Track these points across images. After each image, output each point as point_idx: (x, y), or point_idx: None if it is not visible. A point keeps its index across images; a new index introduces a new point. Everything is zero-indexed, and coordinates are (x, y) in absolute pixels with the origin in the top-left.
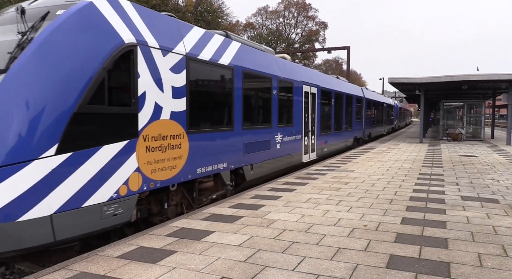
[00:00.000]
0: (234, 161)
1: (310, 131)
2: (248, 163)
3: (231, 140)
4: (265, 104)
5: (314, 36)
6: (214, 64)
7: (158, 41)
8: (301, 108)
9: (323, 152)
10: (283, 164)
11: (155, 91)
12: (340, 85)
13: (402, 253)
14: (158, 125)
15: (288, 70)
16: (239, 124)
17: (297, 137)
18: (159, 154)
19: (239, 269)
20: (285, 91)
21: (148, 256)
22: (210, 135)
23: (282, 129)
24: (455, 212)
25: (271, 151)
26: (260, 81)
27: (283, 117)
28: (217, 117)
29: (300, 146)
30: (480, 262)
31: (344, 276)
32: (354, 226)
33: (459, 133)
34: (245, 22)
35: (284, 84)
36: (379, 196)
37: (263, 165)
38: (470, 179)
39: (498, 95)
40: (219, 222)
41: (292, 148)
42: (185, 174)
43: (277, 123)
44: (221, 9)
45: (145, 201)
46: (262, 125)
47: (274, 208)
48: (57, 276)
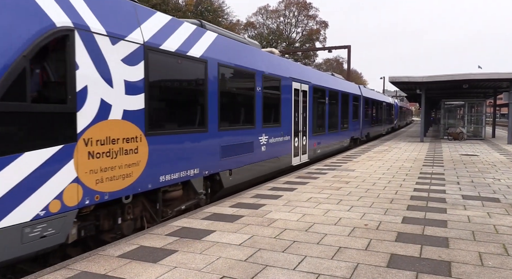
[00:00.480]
0: (209, 166)
1: (301, 131)
2: (226, 168)
3: (204, 142)
4: (247, 102)
5: (315, 35)
6: (181, 56)
7: (105, 27)
8: (290, 107)
9: (316, 153)
10: (270, 168)
11: (101, 86)
12: (335, 82)
13: (403, 252)
14: (105, 127)
15: (274, 66)
16: (214, 125)
17: (285, 138)
18: (107, 161)
19: (240, 268)
20: (271, 88)
21: (148, 255)
22: (176, 138)
23: (267, 130)
24: (456, 211)
25: (254, 154)
26: (241, 77)
27: (269, 117)
28: (186, 117)
29: (289, 148)
30: (481, 261)
31: (345, 275)
32: (354, 225)
33: (460, 133)
34: (245, 22)
35: (270, 81)
36: (379, 195)
37: (244, 170)
38: (471, 178)
39: (499, 94)
40: (219, 221)
41: (280, 150)
42: (143, 183)
43: (262, 123)
44: (222, 9)
45: (92, 216)
46: (244, 126)
47: (275, 207)
48: (58, 275)
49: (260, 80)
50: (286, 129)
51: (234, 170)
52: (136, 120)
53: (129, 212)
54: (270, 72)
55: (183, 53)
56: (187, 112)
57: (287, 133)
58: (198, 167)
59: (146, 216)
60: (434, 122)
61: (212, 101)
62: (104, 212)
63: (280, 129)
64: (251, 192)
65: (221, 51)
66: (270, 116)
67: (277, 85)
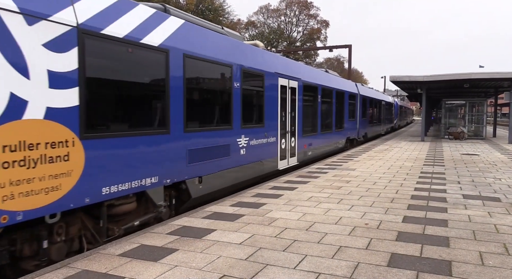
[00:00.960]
0: (171, 173)
1: (288, 132)
2: (194, 174)
3: (165, 146)
4: (222, 100)
5: (316, 35)
6: (133, 43)
7: (17, 1)
8: (275, 105)
9: (307, 155)
10: (251, 173)
11: (10, 76)
12: (329, 79)
13: (404, 251)
14: (18, 129)
15: (257, 59)
16: (178, 126)
17: (270, 140)
18: (20, 172)
19: (240, 267)
20: (252, 85)
21: (149, 254)
22: (126, 142)
23: (248, 131)
24: (456, 211)
25: (231, 158)
26: (215, 71)
27: (250, 117)
28: (139, 116)
29: (274, 150)
30: (481, 260)
31: (345, 274)
32: (355, 224)
33: (461, 132)
34: (246, 21)
35: (251, 76)
36: (380, 194)
37: (219, 176)
38: (472, 178)
39: (500, 93)
40: (220, 220)
41: (263, 153)
42: (77, 197)
43: (241, 123)
44: (223, 8)
45: (4, 240)
46: (218, 126)
47: (276, 206)
48: (59, 274)
49: (239, 75)
50: (271, 130)
51: (205, 177)
52: (67, 120)
53: (59, 233)
54: (251, 67)
55: (135, 40)
56: (141, 111)
57: (272, 135)
58: (156, 175)
59: (86, 236)
60: (435, 122)
61: (175, 98)
62: (23, 235)
63: (263, 130)
64: (251, 191)
65: (188, 40)
66: (252, 116)
67: (260, 81)
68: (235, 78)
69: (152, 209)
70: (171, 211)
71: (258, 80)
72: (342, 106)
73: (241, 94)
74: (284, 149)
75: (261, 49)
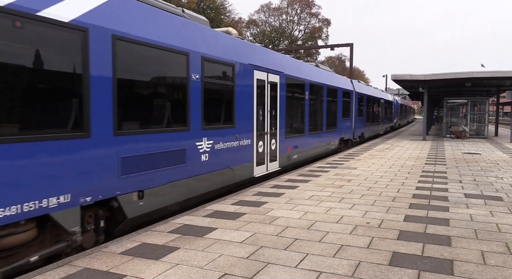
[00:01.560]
0: (94, 188)
1: (267, 133)
2: (131, 188)
3: (82, 153)
4: (173, 95)
5: (317, 33)
6: (27, 17)
7: None
8: (250, 102)
9: (292, 159)
10: (216, 182)
11: None
12: (319, 74)
13: (405, 250)
14: None
15: (224, 47)
16: (105, 128)
17: (243, 142)
18: None
19: (242, 266)
20: (218, 77)
21: (151, 252)
22: (14, 149)
23: (212, 132)
24: (458, 210)
25: (188, 166)
26: (162, 59)
27: (215, 115)
28: (40, 115)
29: (249, 155)
30: (483, 259)
31: (346, 273)
32: (356, 223)
33: (463, 131)
34: (248, 19)
35: (216, 67)
36: (382, 193)
37: (170, 189)
38: (474, 177)
39: (502, 92)
40: (221, 218)
41: (233, 158)
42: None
43: (202, 124)
44: (224, 6)
45: None
46: (169, 128)
47: (277, 205)
48: (61, 272)
49: (198, 65)
50: (245, 132)
51: (149, 191)
52: None
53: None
54: (216, 56)
55: (30, 11)
56: (44, 107)
57: (245, 137)
58: (67, 192)
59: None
60: (437, 121)
61: (99, 91)
62: None
63: (233, 131)
64: (253, 189)
65: (121, 18)
66: (218, 115)
67: (229, 73)
68: (193, 68)
69: (63, 237)
70: (98, 236)
71: (227, 73)
72: (335, 104)
73: (202, 88)
74: (262, 153)
75: (230, 36)
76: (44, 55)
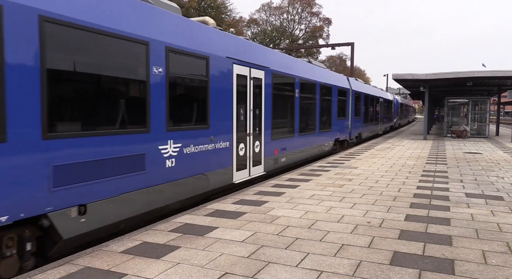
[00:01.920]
0: (13, 205)
1: (250, 135)
2: (67, 203)
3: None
4: (127, 91)
5: (318, 32)
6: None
7: None
8: (229, 100)
9: (280, 162)
10: (185, 191)
11: None
12: (311, 71)
13: (406, 250)
14: None
15: (196, 38)
16: (30, 129)
17: (220, 145)
18: None
19: (243, 265)
20: (188, 72)
21: (151, 251)
22: None
23: (180, 134)
24: (459, 209)
25: (149, 174)
26: (114, 48)
27: (185, 115)
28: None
29: (227, 159)
30: (484, 259)
31: (347, 272)
32: (357, 222)
33: (464, 130)
34: (248, 18)
35: (185, 59)
36: (382, 192)
37: (122, 201)
38: (475, 176)
39: (503, 92)
40: (222, 217)
41: (207, 163)
42: None
43: (167, 124)
44: (225, 5)
45: None
46: (122, 129)
47: (278, 204)
48: (62, 270)
49: (161, 56)
50: (222, 133)
51: (94, 205)
52: None
53: None
54: (185, 47)
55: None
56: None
57: (223, 139)
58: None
59: None
60: (438, 120)
61: (19, 85)
62: None
63: (208, 132)
64: (253, 188)
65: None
66: (187, 114)
67: (202, 67)
68: (154, 60)
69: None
70: (23, 261)
71: (199, 66)
72: (329, 103)
73: (167, 83)
74: (244, 156)
75: (204, 25)
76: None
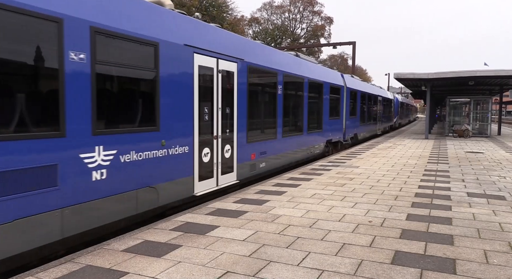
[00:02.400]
0: None
1: (218, 137)
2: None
3: None
4: (27, 80)
5: (320, 31)
6: None
7: None
8: (188, 97)
9: (258, 168)
10: (123, 210)
11: None
12: (298, 65)
13: (407, 249)
14: None
15: (140, 19)
16: None
17: (175, 151)
18: None
19: (244, 264)
20: (127, 60)
21: (153, 250)
22: None
23: (115, 138)
24: (461, 209)
25: (62, 191)
26: None
27: (124, 114)
28: None
29: (186, 167)
30: (486, 259)
31: (349, 271)
32: (359, 221)
33: (465, 130)
34: (250, 17)
35: (122, 45)
36: (384, 192)
37: (19, 229)
38: (476, 176)
39: (505, 91)
40: (223, 216)
41: (158, 173)
42: None
43: (93, 126)
44: (226, 4)
45: None
46: (19, 132)
47: (279, 203)
48: (64, 269)
49: (84, 39)
50: (177, 136)
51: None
52: None
53: None
54: (120, 28)
55: None
56: None
57: (179, 143)
58: None
59: None
60: (439, 119)
61: None
62: None
63: (158, 135)
64: (255, 187)
65: None
66: (127, 113)
67: (148, 55)
68: (71, 43)
69: None
70: None
71: (144, 54)
72: (320, 101)
73: (93, 74)
74: (209, 163)
75: (154, 5)
76: None
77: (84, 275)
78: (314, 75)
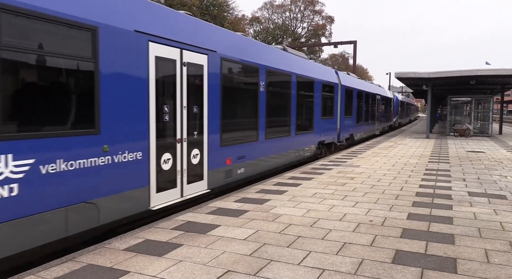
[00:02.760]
0: None
1: (183, 140)
2: None
3: None
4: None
5: (321, 31)
6: None
7: None
8: (141, 92)
9: (235, 175)
10: (45, 234)
11: None
12: (284, 60)
13: (408, 248)
14: None
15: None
16: None
17: (122, 157)
18: None
19: (245, 263)
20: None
21: (154, 249)
22: None
23: (33, 144)
24: (462, 208)
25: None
26: None
27: (48, 113)
28: None
29: (139, 175)
30: (487, 258)
31: (349, 271)
32: (359, 221)
33: (467, 129)
34: (251, 16)
35: (44, 28)
36: (385, 191)
37: None
38: (478, 175)
39: (506, 90)
40: (224, 215)
41: (97, 186)
42: None
43: (8, 127)
44: (227, 3)
45: None
46: None
47: (280, 203)
48: (65, 267)
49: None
50: (126, 139)
51: None
52: None
53: None
54: (38, 7)
55: None
56: None
57: (129, 147)
58: None
59: None
60: (440, 119)
61: None
62: None
63: (97, 139)
64: (256, 187)
65: None
66: (51, 112)
67: (83, 42)
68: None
69: None
70: None
71: (78, 41)
72: (310, 99)
73: (7, 60)
74: (171, 171)
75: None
76: None
77: (85, 274)
78: (304, 72)
